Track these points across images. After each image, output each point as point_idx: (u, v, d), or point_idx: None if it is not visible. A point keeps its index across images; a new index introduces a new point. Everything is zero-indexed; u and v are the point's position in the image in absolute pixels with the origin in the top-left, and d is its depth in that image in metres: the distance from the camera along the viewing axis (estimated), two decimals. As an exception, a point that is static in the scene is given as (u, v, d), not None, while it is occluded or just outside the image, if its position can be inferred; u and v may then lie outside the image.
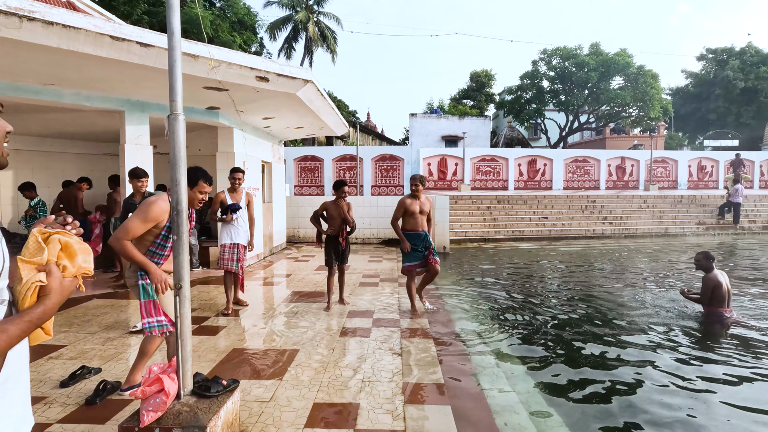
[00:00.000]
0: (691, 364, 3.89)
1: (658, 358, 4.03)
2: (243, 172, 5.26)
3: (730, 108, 33.53)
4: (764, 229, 14.66)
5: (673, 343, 4.43)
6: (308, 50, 29.63)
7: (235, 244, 5.06)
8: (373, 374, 3.31)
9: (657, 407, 3.16)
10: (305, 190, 18.94)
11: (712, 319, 5.09)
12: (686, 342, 4.47)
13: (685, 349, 4.26)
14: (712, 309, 5.13)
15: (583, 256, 10.23)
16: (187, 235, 2.29)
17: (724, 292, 5.05)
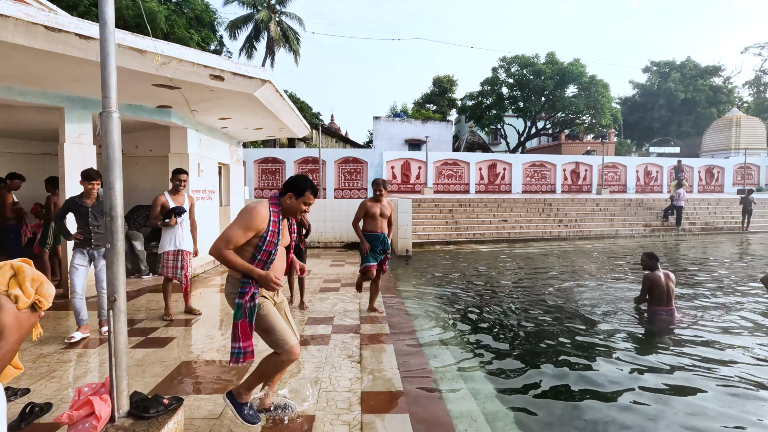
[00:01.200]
0: (635, 363, 4.05)
1: (604, 356, 4.18)
2: (187, 174, 5.03)
3: (672, 117, 35.93)
4: (702, 230, 15.74)
5: (617, 341, 4.61)
6: (270, 50, 29.06)
7: (179, 251, 4.82)
8: (330, 384, 3.21)
9: (595, 404, 3.26)
10: (266, 193, 18.48)
11: (653, 317, 5.34)
12: (628, 342, 4.66)
13: (628, 351, 4.43)
14: (652, 307, 5.39)
15: (541, 257, 10.55)
16: (123, 243, 2.11)
17: (663, 292, 5.30)
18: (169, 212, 4.78)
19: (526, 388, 3.56)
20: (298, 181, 2.52)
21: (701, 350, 4.30)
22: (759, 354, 4.21)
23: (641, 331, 5.05)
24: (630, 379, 3.68)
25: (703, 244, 12.93)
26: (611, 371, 3.84)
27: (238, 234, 2.37)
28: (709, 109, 34.62)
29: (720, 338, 4.65)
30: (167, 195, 4.90)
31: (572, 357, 4.19)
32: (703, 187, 23.52)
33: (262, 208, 2.44)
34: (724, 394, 3.42)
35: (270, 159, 18.65)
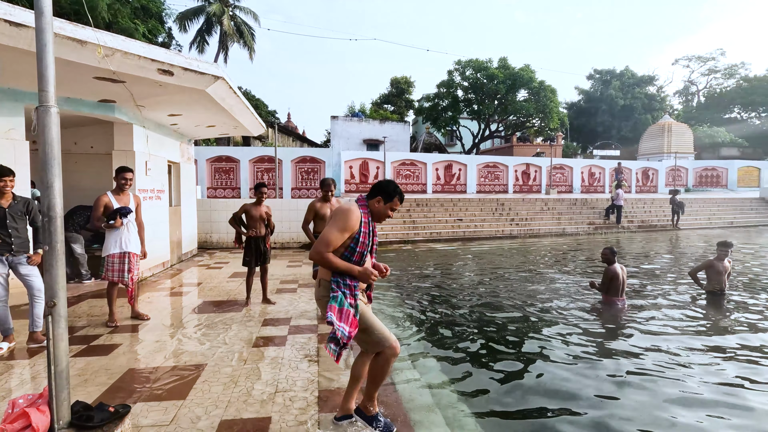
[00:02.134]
0: (593, 347, 4.33)
1: (565, 344, 4.44)
2: (133, 172, 4.79)
3: (613, 122, 38.46)
4: (639, 227, 16.97)
5: (576, 329, 4.91)
6: (223, 45, 28.10)
7: (125, 253, 4.59)
8: (287, 384, 3.19)
9: (562, 390, 3.47)
10: (219, 193, 17.88)
11: (608, 306, 5.80)
12: (587, 328, 4.98)
13: (586, 336, 4.74)
14: (608, 298, 5.86)
15: (495, 255, 10.96)
16: (63, 245, 2.00)
17: (620, 283, 5.78)
18: (114, 213, 4.52)
19: (481, 378, 3.71)
20: (387, 187, 2.55)
21: (648, 336, 4.67)
22: (692, 336, 4.63)
23: (598, 319, 5.39)
24: (589, 364, 3.93)
25: (640, 241, 13.94)
26: (567, 356, 4.09)
27: (336, 236, 2.39)
28: (645, 116, 37.37)
29: (661, 322, 5.07)
30: (110, 195, 4.65)
31: (531, 344, 4.41)
32: (639, 188, 25.33)
33: (356, 209, 2.47)
34: (672, 372, 3.75)
35: (224, 157, 18.05)
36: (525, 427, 3.05)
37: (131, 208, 4.67)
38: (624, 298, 5.90)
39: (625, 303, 5.88)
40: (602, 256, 5.96)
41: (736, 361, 4.09)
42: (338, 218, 2.42)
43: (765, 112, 42.96)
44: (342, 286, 2.41)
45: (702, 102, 47.80)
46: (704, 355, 4.23)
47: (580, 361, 4.09)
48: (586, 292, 6.60)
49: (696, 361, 4.09)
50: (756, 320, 5.32)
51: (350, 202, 2.52)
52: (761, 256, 10.46)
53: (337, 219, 2.42)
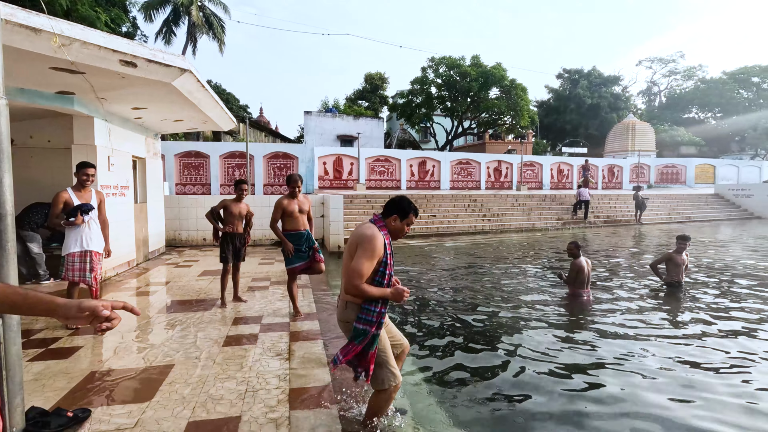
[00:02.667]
0: (560, 339, 4.48)
1: (533, 334, 4.56)
2: (95, 168, 4.59)
3: (581, 121, 39.65)
4: (605, 222, 17.60)
5: (544, 320, 5.06)
6: (191, 37, 27.27)
7: (86, 252, 4.42)
8: (258, 383, 3.15)
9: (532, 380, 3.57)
10: (189, 189, 17.40)
11: (575, 298, 6.01)
12: (555, 319, 5.14)
13: (555, 328, 4.88)
14: (574, 290, 6.08)
15: (468, 250, 11.14)
16: (15, 245, 1.91)
17: (585, 277, 6.00)
18: (74, 210, 4.33)
19: (459, 381, 3.77)
20: (402, 204, 2.57)
21: (612, 326, 4.86)
22: (653, 325, 4.86)
23: (565, 311, 5.56)
24: (555, 351, 4.06)
25: (605, 235, 14.47)
26: (538, 344, 4.21)
27: (367, 266, 2.42)
28: (611, 114, 38.71)
29: (624, 313, 5.28)
30: (71, 191, 4.44)
31: (502, 337, 4.52)
32: (606, 184, 26.26)
33: (378, 233, 2.48)
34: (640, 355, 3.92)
35: (193, 153, 17.55)
36: (491, 416, 3.13)
37: (93, 205, 4.48)
38: (589, 290, 6.13)
39: (590, 294, 6.11)
40: (568, 251, 6.16)
41: (693, 345, 4.32)
42: (365, 247, 2.42)
43: (720, 113, 45.34)
44: (373, 315, 2.48)
45: (663, 102, 49.98)
46: (664, 341, 4.45)
47: (550, 351, 4.22)
48: (555, 288, 6.80)
49: (656, 347, 4.30)
50: (710, 307, 5.63)
51: (370, 226, 2.53)
52: (716, 249, 11.06)
53: (364, 248, 2.42)
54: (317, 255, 4.97)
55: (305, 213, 4.98)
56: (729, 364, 3.95)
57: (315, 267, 4.99)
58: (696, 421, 3.02)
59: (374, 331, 2.48)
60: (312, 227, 5.09)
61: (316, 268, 4.99)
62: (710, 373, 3.78)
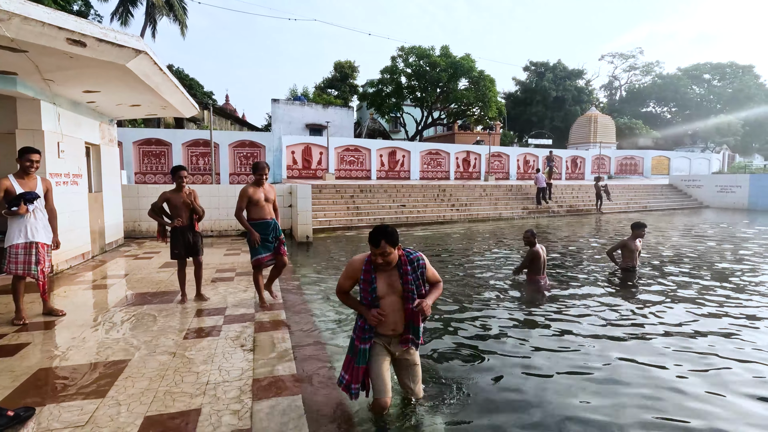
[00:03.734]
0: (517, 322, 4.60)
1: (493, 316, 4.68)
2: (39, 153, 4.29)
3: (546, 113, 40.69)
4: (568, 212, 18.23)
5: (505, 306, 5.19)
6: (150, 18, 25.95)
7: (32, 243, 4.16)
8: (219, 375, 3.08)
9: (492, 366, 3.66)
10: (149, 178, 16.69)
11: (532, 284, 6.19)
12: (514, 304, 5.28)
13: (514, 311, 5.02)
14: (531, 276, 6.26)
15: (436, 239, 11.27)
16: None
17: (541, 263, 6.18)
18: (17, 198, 4.06)
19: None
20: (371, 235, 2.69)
21: (571, 308, 5.04)
22: (609, 307, 5.08)
23: (523, 295, 5.73)
24: (515, 334, 4.17)
25: (569, 224, 14.99)
26: (505, 327, 4.31)
27: (342, 281, 2.91)
28: (574, 107, 39.90)
29: (578, 298, 5.50)
30: (12, 178, 4.15)
31: (466, 324, 4.60)
32: (569, 175, 27.16)
33: (359, 258, 2.86)
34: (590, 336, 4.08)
35: (153, 140, 16.81)
36: (439, 396, 3.20)
37: (39, 194, 4.21)
38: (545, 276, 6.32)
39: (546, 280, 6.31)
40: (524, 239, 6.32)
41: (645, 326, 4.56)
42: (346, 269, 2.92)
43: (675, 107, 47.68)
44: (357, 328, 2.81)
45: (623, 96, 52.00)
46: (618, 323, 4.67)
47: (507, 333, 4.34)
48: (515, 275, 7.00)
49: (610, 330, 4.50)
50: (663, 291, 5.95)
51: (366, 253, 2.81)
52: (667, 237, 11.68)
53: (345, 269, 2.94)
54: (282, 248, 4.90)
55: (271, 202, 4.86)
56: (679, 334, 4.20)
57: (278, 260, 4.90)
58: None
59: (358, 344, 2.73)
60: (278, 217, 5.00)
61: (279, 261, 4.90)
62: (663, 345, 4.00)
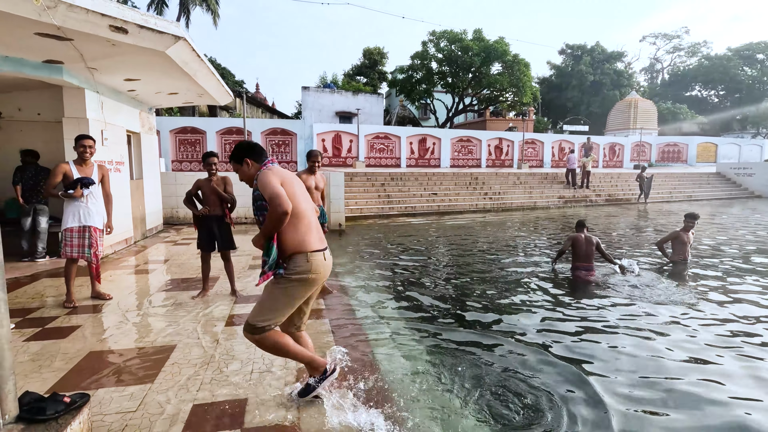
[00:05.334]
0: (555, 319, 4.39)
1: (529, 311, 4.48)
2: (94, 140, 4.41)
3: (583, 98, 39.03)
4: (607, 201, 17.48)
5: (542, 298, 4.97)
6: (184, 8, 26.32)
7: (85, 227, 4.28)
8: (263, 364, 3.05)
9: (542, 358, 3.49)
10: (185, 166, 17.10)
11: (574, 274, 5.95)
12: (553, 297, 5.05)
13: (555, 306, 4.79)
14: (573, 264, 6.05)
15: (470, 228, 11.02)
16: None
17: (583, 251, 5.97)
18: (74, 183, 4.21)
19: (466, 359, 3.68)
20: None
21: (621, 301, 4.78)
22: (659, 303, 4.78)
23: (567, 287, 5.49)
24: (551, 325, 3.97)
25: (608, 214, 14.37)
26: (533, 322, 4.13)
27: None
28: (613, 92, 38.06)
29: (631, 289, 5.20)
30: (72, 164, 4.33)
31: (502, 313, 4.43)
32: (606, 163, 26.05)
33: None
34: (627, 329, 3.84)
35: (189, 129, 17.17)
36: (478, 395, 3.05)
37: (94, 180, 4.36)
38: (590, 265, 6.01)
39: (592, 271, 5.99)
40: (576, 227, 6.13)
41: (699, 323, 4.25)
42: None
43: (723, 91, 44.72)
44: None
45: (666, 79, 49.19)
46: (669, 320, 4.37)
47: (543, 327, 4.14)
48: (556, 266, 6.71)
49: (661, 325, 4.22)
50: (715, 286, 5.56)
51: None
52: (721, 228, 10.98)
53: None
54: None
55: (320, 190, 4.93)
56: (731, 332, 3.88)
57: None
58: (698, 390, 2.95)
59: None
60: (325, 206, 5.05)
61: None
62: (720, 345, 3.71)
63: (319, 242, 2.42)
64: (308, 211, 2.43)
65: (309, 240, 2.35)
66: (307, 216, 2.41)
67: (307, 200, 2.48)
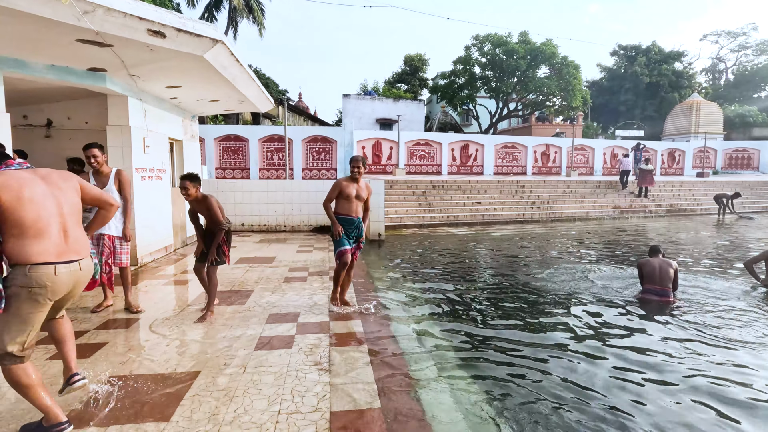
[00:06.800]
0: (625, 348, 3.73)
1: (587, 337, 3.84)
2: (100, 148, 4.27)
3: (637, 101, 36.77)
4: (668, 212, 16.05)
5: (604, 322, 4.30)
6: (232, 21, 27.25)
7: (100, 235, 4.21)
8: (293, 402, 2.66)
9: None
10: (228, 173, 17.41)
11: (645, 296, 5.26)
12: (624, 323, 4.36)
13: (617, 339, 4.12)
14: (643, 286, 5.33)
15: (518, 240, 10.30)
16: None
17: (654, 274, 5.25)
18: None
19: (524, 397, 3.14)
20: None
21: (694, 330, 4.04)
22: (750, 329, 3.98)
23: (639, 311, 4.77)
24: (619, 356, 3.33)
25: (671, 227, 13.09)
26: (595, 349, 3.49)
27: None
28: (671, 94, 35.59)
29: (713, 317, 4.42)
30: (91, 174, 4.35)
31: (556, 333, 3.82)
32: (665, 170, 24.18)
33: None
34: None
35: (232, 136, 17.49)
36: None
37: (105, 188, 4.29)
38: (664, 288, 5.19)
39: (667, 293, 5.20)
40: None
41: (824, 374, 3.45)
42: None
43: (799, 91, 40.65)
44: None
45: (730, 80, 45.45)
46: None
47: (613, 356, 3.48)
48: (622, 287, 5.94)
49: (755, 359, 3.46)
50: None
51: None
52: (810, 244, 9.61)
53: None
54: (357, 252, 4.61)
55: (362, 200, 4.51)
56: None
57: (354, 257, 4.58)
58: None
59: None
60: (367, 219, 4.65)
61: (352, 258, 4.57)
62: None
63: (53, 254, 2.16)
64: (43, 219, 2.13)
65: (33, 251, 2.09)
66: (39, 224, 2.12)
67: (49, 206, 2.17)
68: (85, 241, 2.38)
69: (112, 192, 4.29)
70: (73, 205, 2.33)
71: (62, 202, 2.27)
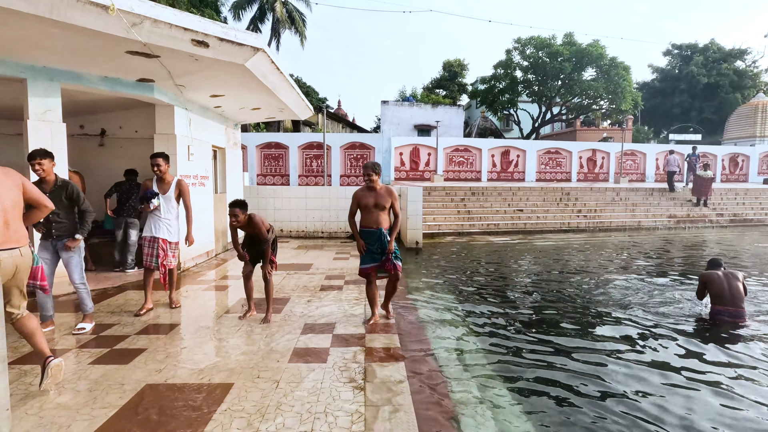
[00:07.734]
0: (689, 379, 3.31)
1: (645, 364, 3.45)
2: (164, 158, 4.57)
3: (693, 103, 34.47)
4: (731, 222, 14.78)
5: (664, 340, 3.87)
6: (275, 32, 28.12)
7: (154, 238, 4.49)
8: (326, 421, 2.52)
9: None
10: (269, 180, 17.80)
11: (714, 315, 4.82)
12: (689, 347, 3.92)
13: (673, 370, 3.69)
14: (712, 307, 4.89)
15: (563, 250, 9.77)
16: None
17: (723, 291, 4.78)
18: (142, 198, 4.48)
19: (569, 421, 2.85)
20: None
21: None
22: None
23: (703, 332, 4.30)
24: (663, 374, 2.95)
25: (735, 239, 12.01)
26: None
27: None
28: (733, 95, 33.09)
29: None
30: (154, 181, 4.60)
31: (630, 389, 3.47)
32: (726, 176, 22.40)
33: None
34: None
35: (273, 144, 17.90)
36: None
37: (154, 193, 4.49)
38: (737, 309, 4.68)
39: (740, 314, 4.68)
40: None
41: None
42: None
43: None
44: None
45: (802, 78, 41.68)
46: None
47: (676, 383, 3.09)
48: (687, 305, 5.42)
49: None
50: None
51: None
52: None
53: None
54: (388, 263, 4.17)
55: (383, 208, 4.19)
56: None
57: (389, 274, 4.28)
58: None
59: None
60: (397, 225, 4.30)
61: (390, 275, 4.28)
62: None
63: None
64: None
65: None
66: None
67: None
68: (24, 232, 2.70)
69: (170, 199, 4.57)
70: (13, 199, 2.59)
71: (3, 196, 2.53)
